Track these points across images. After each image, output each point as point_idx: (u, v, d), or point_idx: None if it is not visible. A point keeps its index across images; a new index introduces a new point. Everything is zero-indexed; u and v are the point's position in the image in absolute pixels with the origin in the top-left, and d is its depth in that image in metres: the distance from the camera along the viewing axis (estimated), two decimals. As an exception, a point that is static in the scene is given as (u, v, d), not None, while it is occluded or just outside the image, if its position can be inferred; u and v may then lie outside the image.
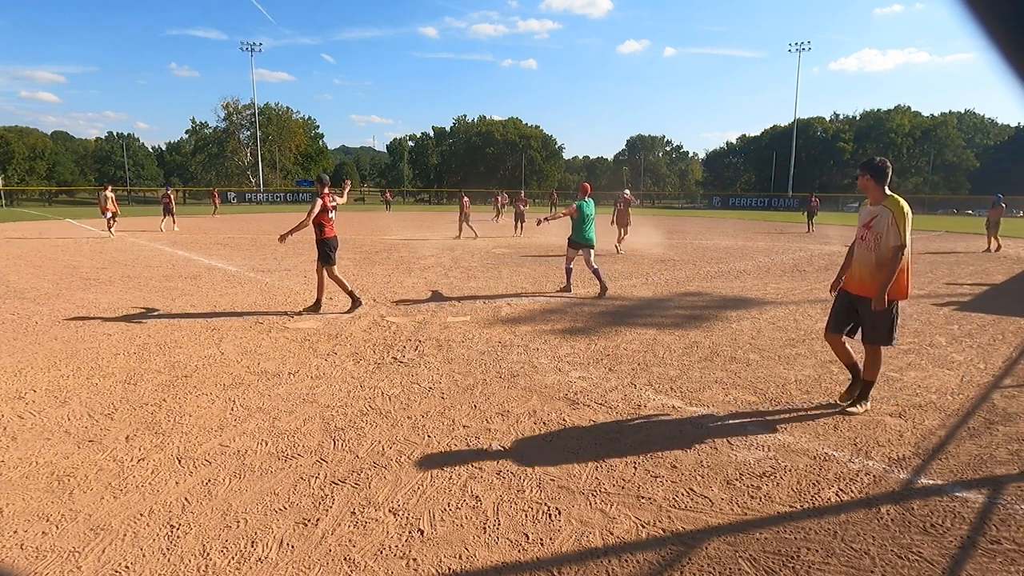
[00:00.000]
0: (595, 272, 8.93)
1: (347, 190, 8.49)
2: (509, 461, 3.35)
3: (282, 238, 7.36)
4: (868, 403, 4.13)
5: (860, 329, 4.04)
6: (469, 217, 19.86)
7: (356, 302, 7.49)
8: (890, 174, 3.88)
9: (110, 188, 19.08)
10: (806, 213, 25.87)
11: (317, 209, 7.10)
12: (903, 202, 3.75)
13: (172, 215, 22.00)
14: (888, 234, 3.76)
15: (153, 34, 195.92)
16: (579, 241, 8.88)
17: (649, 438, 3.68)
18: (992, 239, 17.17)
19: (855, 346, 4.22)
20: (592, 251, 8.88)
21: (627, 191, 16.91)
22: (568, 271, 9.25)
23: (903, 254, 3.73)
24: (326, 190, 7.25)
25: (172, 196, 22.56)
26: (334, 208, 7.32)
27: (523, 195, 23.27)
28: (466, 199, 20.28)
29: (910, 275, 3.89)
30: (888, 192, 3.87)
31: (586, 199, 8.90)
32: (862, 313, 3.96)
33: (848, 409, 4.06)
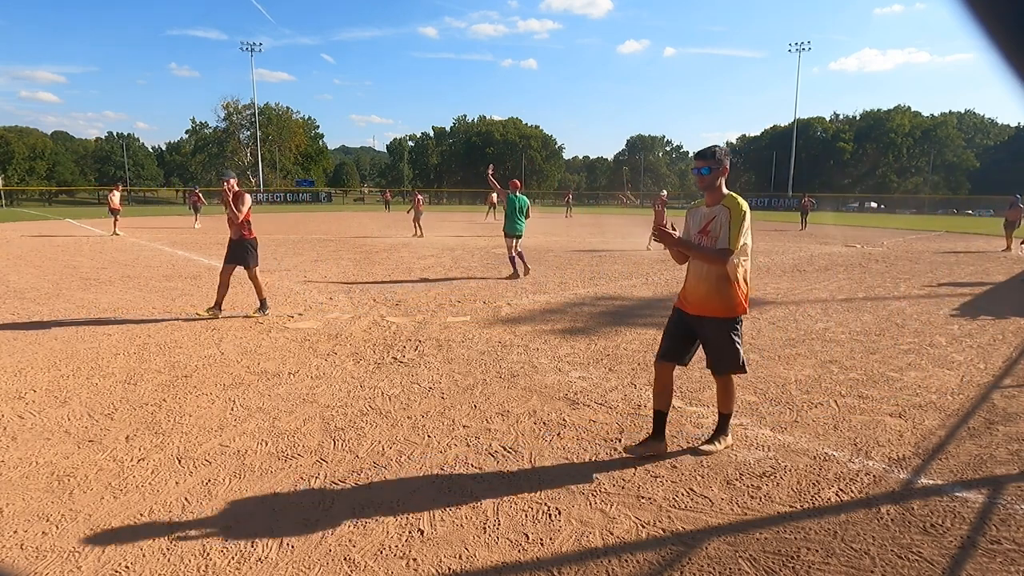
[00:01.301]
0: (517, 257, 10.41)
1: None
2: (509, 461, 3.35)
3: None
4: (728, 438, 3.51)
5: (706, 358, 3.45)
6: (421, 215, 20.31)
7: (264, 306, 7.13)
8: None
9: (119, 187, 21.12)
10: (800, 211, 29.27)
11: (248, 204, 6.85)
12: (741, 200, 3.17)
13: (198, 212, 24.35)
14: (721, 236, 3.15)
15: (153, 34, 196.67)
16: (511, 232, 10.25)
17: (649, 438, 3.68)
18: (1009, 239, 17.13)
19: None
20: (519, 240, 10.39)
21: (664, 192, 17.90)
22: (512, 259, 10.46)
23: (736, 260, 3.14)
24: (234, 184, 6.90)
25: (200, 195, 25.25)
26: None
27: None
28: (420, 198, 20.87)
29: (748, 287, 3.28)
30: (726, 190, 3.26)
31: (516, 194, 10.33)
32: (703, 337, 3.34)
33: (702, 447, 3.42)
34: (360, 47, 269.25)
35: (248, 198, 6.95)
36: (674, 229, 3.18)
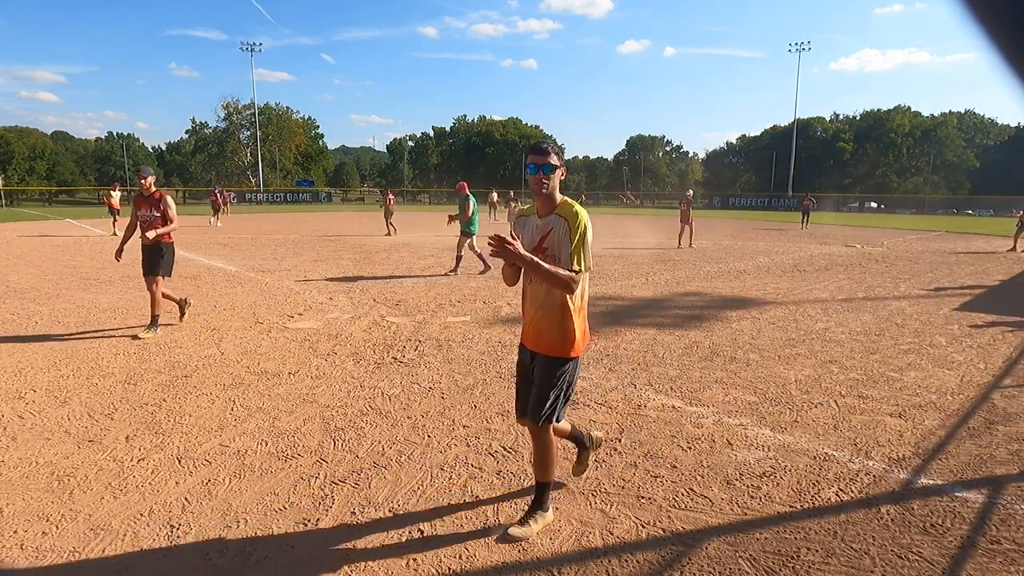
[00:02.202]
0: (481, 255, 11.15)
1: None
2: (509, 461, 3.35)
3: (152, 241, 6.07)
4: (548, 513, 2.70)
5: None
6: (392, 215, 20.68)
7: (185, 310, 6.65)
8: None
9: (117, 187, 21.53)
10: (801, 212, 29.80)
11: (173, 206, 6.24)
12: (580, 207, 2.53)
13: (218, 213, 24.98)
14: (560, 253, 2.47)
15: (153, 34, 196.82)
16: (471, 231, 11.00)
17: (649, 438, 3.68)
18: (1018, 240, 17.06)
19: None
20: (475, 237, 11.17)
21: (689, 192, 19.08)
22: (471, 256, 11.32)
23: (579, 285, 2.48)
24: (151, 181, 6.11)
25: (219, 194, 26.14)
26: None
27: (512, 195, 24.05)
28: (391, 196, 21.31)
29: (586, 319, 2.66)
30: (560, 196, 2.58)
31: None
32: (534, 375, 2.65)
33: (510, 531, 2.60)
34: (360, 47, 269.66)
35: (171, 199, 6.29)
36: (516, 238, 2.46)
